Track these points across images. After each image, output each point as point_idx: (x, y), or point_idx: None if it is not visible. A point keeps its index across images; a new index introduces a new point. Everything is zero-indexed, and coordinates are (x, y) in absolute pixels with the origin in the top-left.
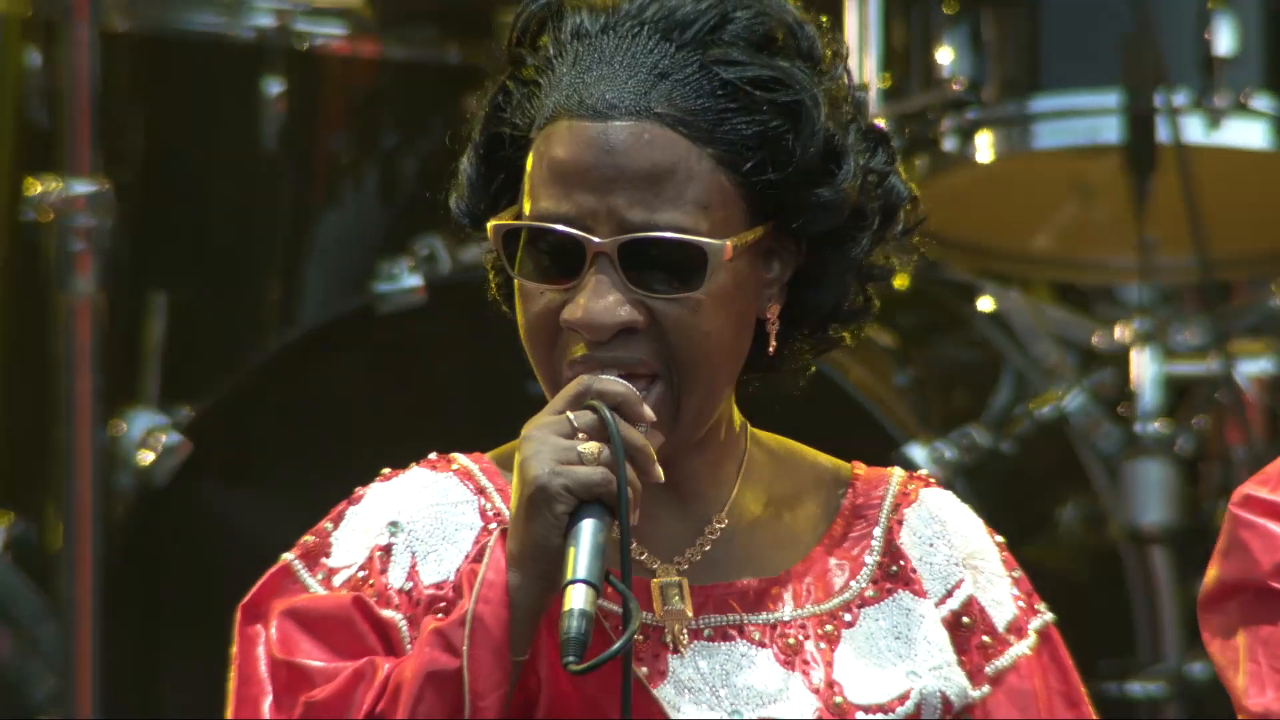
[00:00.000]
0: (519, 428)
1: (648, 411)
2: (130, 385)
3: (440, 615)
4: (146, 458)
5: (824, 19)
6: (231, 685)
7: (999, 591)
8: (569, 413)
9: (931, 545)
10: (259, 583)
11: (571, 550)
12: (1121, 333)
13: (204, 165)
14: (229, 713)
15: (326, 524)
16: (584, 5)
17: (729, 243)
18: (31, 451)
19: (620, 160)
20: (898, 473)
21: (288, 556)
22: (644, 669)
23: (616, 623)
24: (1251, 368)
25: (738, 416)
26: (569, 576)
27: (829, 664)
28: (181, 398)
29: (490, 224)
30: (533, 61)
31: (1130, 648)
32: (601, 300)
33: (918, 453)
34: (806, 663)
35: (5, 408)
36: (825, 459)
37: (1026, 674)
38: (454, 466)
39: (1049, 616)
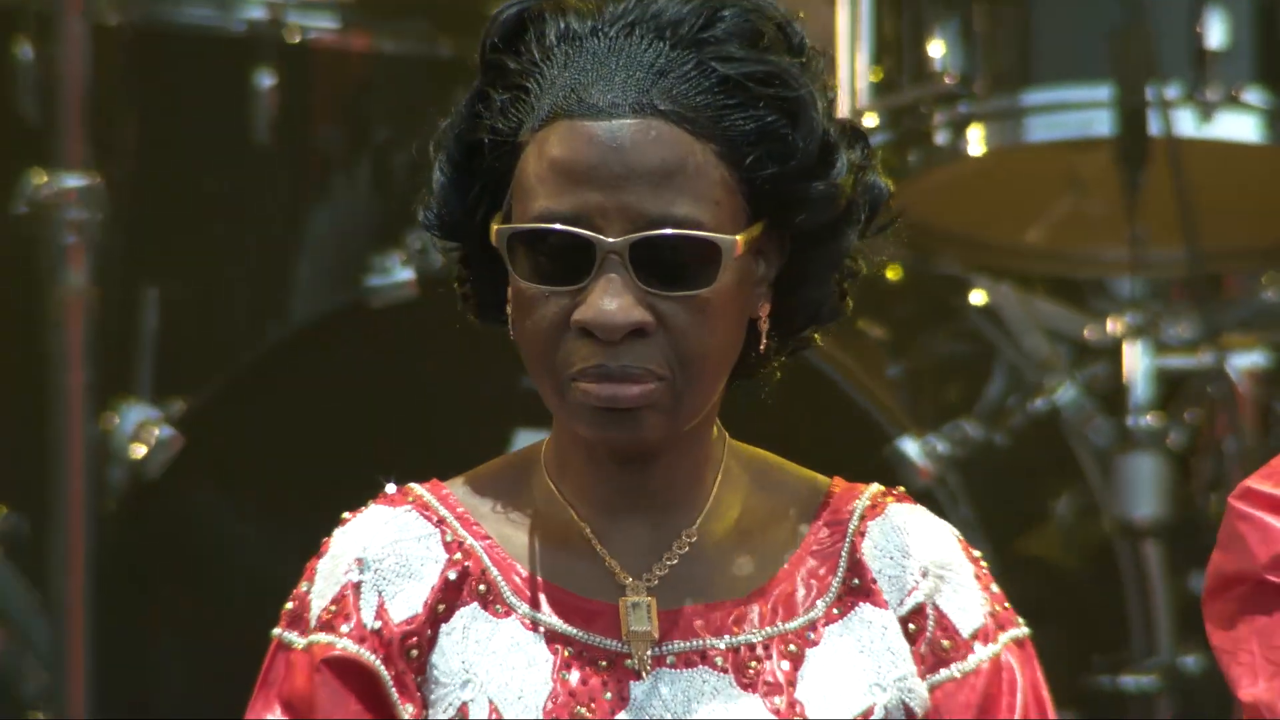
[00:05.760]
0: (512, 422)
1: None
2: (122, 379)
3: (414, 653)
4: (139, 451)
5: (801, 14)
6: None
7: (966, 599)
8: None
9: (891, 557)
10: (260, 673)
11: None
12: (1113, 326)
13: (195, 158)
14: None
15: (303, 584)
16: (567, 9)
17: (740, 238)
18: (23, 445)
19: (629, 157)
20: (872, 488)
21: (276, 631)
22: (608, 693)
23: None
24: (1243, 361)
25: (717, 426)
26: None
27: (791, 684)
28: (174, 391)
29: (495, 226)
30: (515, 65)
31: (1124, 641)
32: (616, 300)
33: (910, 446)
34: (769, 684)
35: None
36: (803, 474)
37: (991, 679)
38: (410, 499)
39: (1024, 630)
